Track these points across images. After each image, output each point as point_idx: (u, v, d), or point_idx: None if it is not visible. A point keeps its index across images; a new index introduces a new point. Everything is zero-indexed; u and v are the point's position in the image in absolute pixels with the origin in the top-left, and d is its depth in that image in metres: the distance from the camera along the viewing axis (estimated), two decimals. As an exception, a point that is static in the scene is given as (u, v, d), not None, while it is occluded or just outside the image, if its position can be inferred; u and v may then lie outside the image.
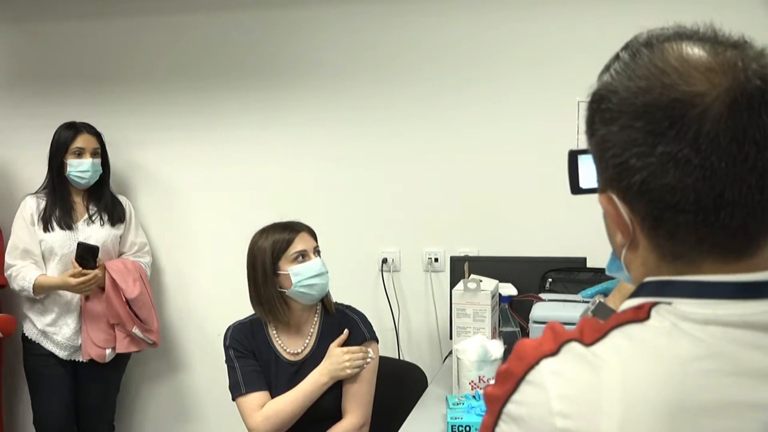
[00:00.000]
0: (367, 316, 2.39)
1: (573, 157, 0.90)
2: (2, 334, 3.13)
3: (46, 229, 3.07)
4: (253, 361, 2.27)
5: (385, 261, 3.25)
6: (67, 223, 3.08)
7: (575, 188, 0.90)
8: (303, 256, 2.23)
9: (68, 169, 3.08)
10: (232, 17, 3.33)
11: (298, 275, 2.21)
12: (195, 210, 3.45)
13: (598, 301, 1.06)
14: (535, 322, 2.05)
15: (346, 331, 2.28)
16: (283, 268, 2.21)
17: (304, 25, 3.26)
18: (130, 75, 3.44)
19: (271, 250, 2.21)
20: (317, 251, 2.29)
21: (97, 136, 3.15)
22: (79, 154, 3.09)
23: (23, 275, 3.03)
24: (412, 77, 3.17)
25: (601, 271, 2.58)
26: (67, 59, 3.49)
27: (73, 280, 2.94)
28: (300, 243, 2.24)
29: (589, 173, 0.87)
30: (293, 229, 2.26)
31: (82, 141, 3.09)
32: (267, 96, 3.32)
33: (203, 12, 3.35)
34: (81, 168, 3.08)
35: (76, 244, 3.01)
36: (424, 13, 3.13)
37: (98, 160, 3.13)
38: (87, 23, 3.46)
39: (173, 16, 3.38)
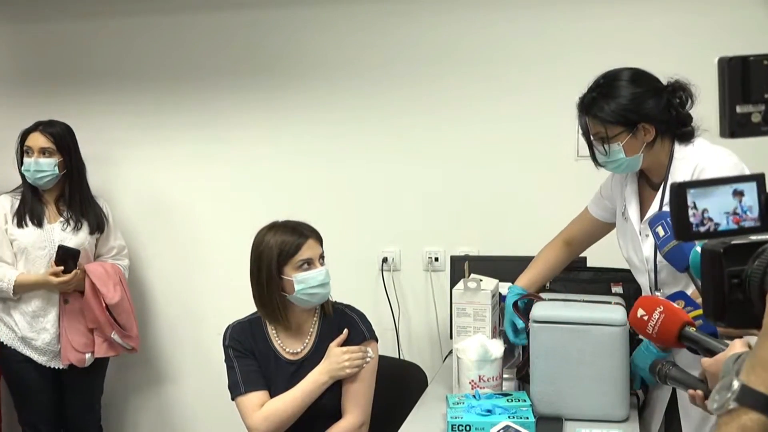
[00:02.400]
0: (366, 315, 2.38)
1: (681, 192, 0.64)
2: None
3: (20, 225, 3.02)
4: (252, 361, 2.26)
5: (385, 260, 3.25)
6: (39, 220, 3.02)
7: (685, 233, 0.65)
8: (308, 263, 2.21)
9: (22, 167, 3.03)
10: (231, 17, 3.32)
11: (302, 283, 2.20)
12: (192, 210, 3.44)
13: (740, 385, 0.77)
14: (536, 321, 2.05)
15: (345, 330, 2.28)
16: (288, 273, 2.20)
17: (304, 25, 3.25)
18: (130, 75, 3.44)
19: (277, 253, 2.19)
20: (322, 259, 2.27)
21: (53, 135, 3.00)
22: (27, 152, 3.01)
23: (1, 276, 2.96)
24: (411, 76, 3.16)
25: (602, 270, 2.59)
26: (65, 59, 3.49)
27: (55, 279, 2.92)
28: (307, 250, 2.22)
29: (715, 208, 0.64)
30: (301, 233, 2.23)
31: (31, 140, 3.00)
32: (267, 95, 3.32)
33: (202, 12, 3.35)
34: (27, 167, 3.00)
35: (48, 245, 2.98)
36: (424, 13, 3.13)
37: (50, 160, 2.98)
38: (86, 23, 3.45)
39: (172, 16, 3.38)
